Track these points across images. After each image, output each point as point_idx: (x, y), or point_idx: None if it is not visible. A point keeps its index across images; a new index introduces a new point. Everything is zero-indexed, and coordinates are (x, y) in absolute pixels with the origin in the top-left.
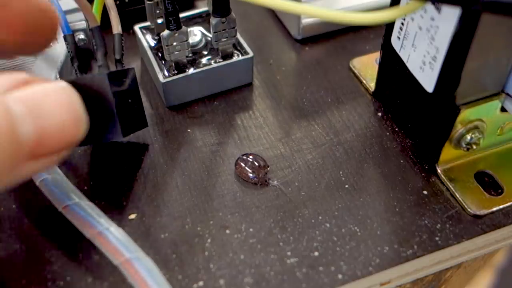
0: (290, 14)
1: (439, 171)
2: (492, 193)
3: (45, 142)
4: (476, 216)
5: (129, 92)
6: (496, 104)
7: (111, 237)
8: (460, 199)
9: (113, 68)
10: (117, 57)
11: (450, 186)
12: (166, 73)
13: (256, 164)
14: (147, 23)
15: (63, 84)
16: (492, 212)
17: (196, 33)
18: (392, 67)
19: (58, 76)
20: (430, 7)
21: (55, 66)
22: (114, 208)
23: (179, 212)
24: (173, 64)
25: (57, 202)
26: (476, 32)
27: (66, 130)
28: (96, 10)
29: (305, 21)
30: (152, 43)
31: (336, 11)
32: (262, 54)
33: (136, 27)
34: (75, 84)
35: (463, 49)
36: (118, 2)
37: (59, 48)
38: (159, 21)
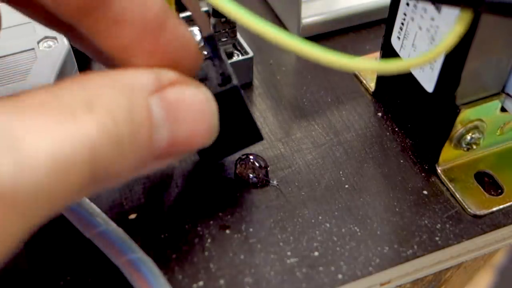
0: (290, 14)
1: (439, 171)
2: (492, 193)
3: (174, 147)
4: (476, 216)
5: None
6: (496, 104)
7: (112, 237)
8: (460, 199)
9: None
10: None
11: (450, 186)
12: None
13: (256, 164)
14: None
15: (207, 94)
16: (492, 212)
17: (196, 33)
18: None
19: (58, 75)
20: (430, 7)
21: (56, 65)
22: (114, 208)
23: (179, 212)
24: None
25: None
26: (476, 32)
27: (196, 138)
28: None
29: (305, 21)
30: None
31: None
32: (262, 54)
33: None
34: None
35: (463, 49)
36: None
37: (59, 48)
38: None
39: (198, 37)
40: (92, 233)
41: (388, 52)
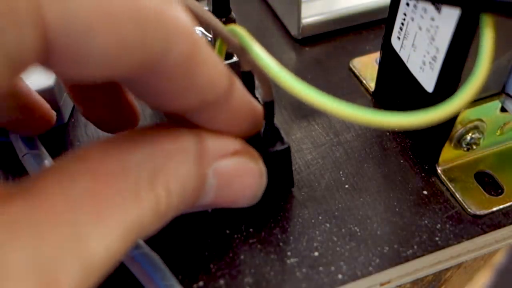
0: (290, 14)
1: (439, 171)
2: (492, 193)
3: (214, 205)
4: (476, 216)
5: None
6: (496, 104)
7: None
8: (460, 199)
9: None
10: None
11: (450, 186)
12: None
13: None
14: None
15: (262, 169)
16: (492, 212)
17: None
18: (392, 67)
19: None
20: (430, 7)
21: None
22: None
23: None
24: None
25: None
26: (476, 32)
27: (238, 203)
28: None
29: (305, 21)
30: None
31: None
32: None
33: None
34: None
35: (463, 49)
36: None
37: None
38: None
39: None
40: None
41: (388, 52)
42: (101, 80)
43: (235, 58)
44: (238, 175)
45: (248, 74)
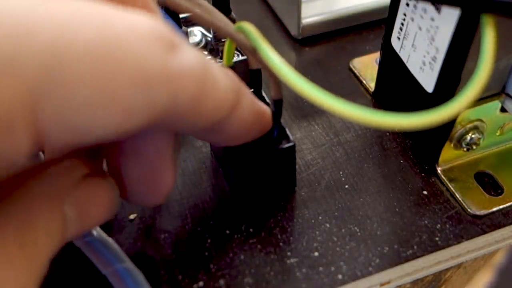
0: (290, 14)
1: (439, 171)
2: (492, 193)
3: (79, 235)
4: (476, 216)
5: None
6: (496, 104)
7: (99, 246)
8: (460, 199)
9: None
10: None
11: (450, 186)
12: None
13: None
14: None
15: (110, 180)
16: (492, 212)
17: (196, 33)
18: (392, 67)
19: None
20: (430, 7)
21: None
22: None
23: (179, 212)
24: None
25: None
26: (476, 32)
27: (101, 219)
28: (227, 59)
29: (305, 21)
30: None
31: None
32: None
33: None
34: (264, 153)
35: (463, 49)
36: None
37: None
38: None
39: (198, 37)
40: (81, 242)
41: (388, 52)
42: (104, 142)
43: (235, 58)
44: (91, 198)
45: (256, 73)
